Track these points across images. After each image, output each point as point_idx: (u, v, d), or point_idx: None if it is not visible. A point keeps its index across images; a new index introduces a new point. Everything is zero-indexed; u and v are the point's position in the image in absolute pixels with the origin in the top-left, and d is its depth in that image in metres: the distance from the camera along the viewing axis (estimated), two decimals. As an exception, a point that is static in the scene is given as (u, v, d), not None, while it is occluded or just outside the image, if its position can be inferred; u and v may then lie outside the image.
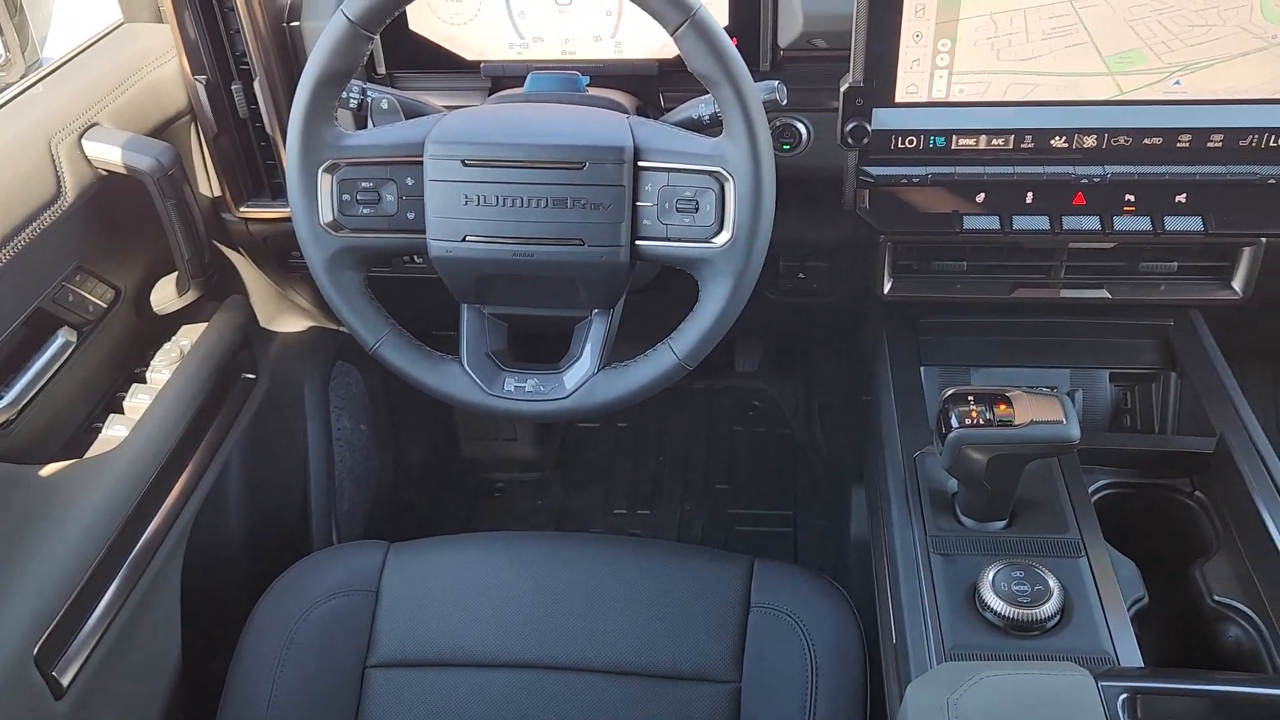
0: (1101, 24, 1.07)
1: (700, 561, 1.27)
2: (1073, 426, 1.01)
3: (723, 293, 1.06)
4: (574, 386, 1.12)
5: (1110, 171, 1.15)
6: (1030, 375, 1.35)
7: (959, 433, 1.02)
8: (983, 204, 1.19)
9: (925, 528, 1.09)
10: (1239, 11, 1.05)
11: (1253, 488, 1.09)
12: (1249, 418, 1.20)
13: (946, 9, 1.08)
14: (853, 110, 1.15)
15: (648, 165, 1.05)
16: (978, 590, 1.00)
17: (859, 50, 1.11)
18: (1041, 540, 1.06)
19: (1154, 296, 1.28)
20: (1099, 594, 1.00)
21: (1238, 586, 1.05)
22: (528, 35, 1.28)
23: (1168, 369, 1.32)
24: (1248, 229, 1.17)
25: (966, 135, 1.16)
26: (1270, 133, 1.12)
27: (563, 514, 2.03)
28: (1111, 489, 1.18)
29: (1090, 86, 1.11)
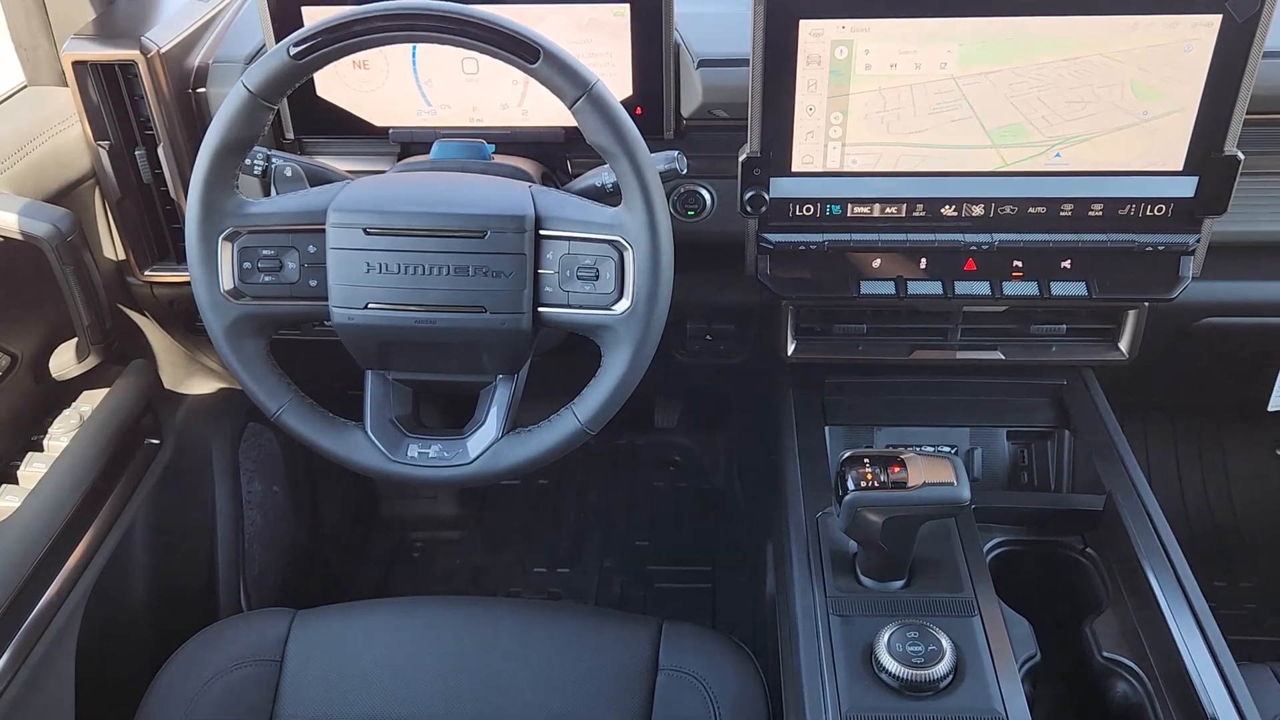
0: (984, 100, 1.12)
1: (609, 625, 1.27)
2: (963, 488, 1.04)
3: (623, 359, 1.07)
4: (478, 452, 1.12)
5: (998, 239, 1.19)
6: (932, 434, 1.38)
7: (854, 495, 1.05)
8: (879, 269, 1.23)
9: (825, 589, 1.11)
10: (1111, 90, 1.10)
11: (1138, 545, 1.12)
12: (1137, 475, 1.24)
13: (837, 84, 1.12)
14: (751, 179, 1.18)
15: (549, 234, 1.07)
16: (874, 651, 1.01)
17: (755, 122, 1.15)
18: (937, 600, 1.08)
19: (1045, 358, 1.32)
20: (991, 653, 1.03)
21: (1125, 643, 1.08)
22: (435, 102, 1.30)
23: (1061, 427, 1.36)
24: (1129, 293, 1.21)
25: (861, 204, 1.20)
26: (1146, 202, 1.17)
27: (482, 573, 2.01)
28: (1007, 547, 1.21)
29: (976, 158, 1.16)
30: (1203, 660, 1.01)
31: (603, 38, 1.24)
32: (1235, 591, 1.92)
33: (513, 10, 1.22)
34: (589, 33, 1.23)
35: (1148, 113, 1.12)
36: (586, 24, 1.23)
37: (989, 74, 1.10)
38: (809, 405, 1.37)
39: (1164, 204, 1.17)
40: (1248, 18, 1.05)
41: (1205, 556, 1.99)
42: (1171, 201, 1.17)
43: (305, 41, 1.01)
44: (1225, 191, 1.15)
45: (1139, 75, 1.09)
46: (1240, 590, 1.92)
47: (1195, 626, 1.05)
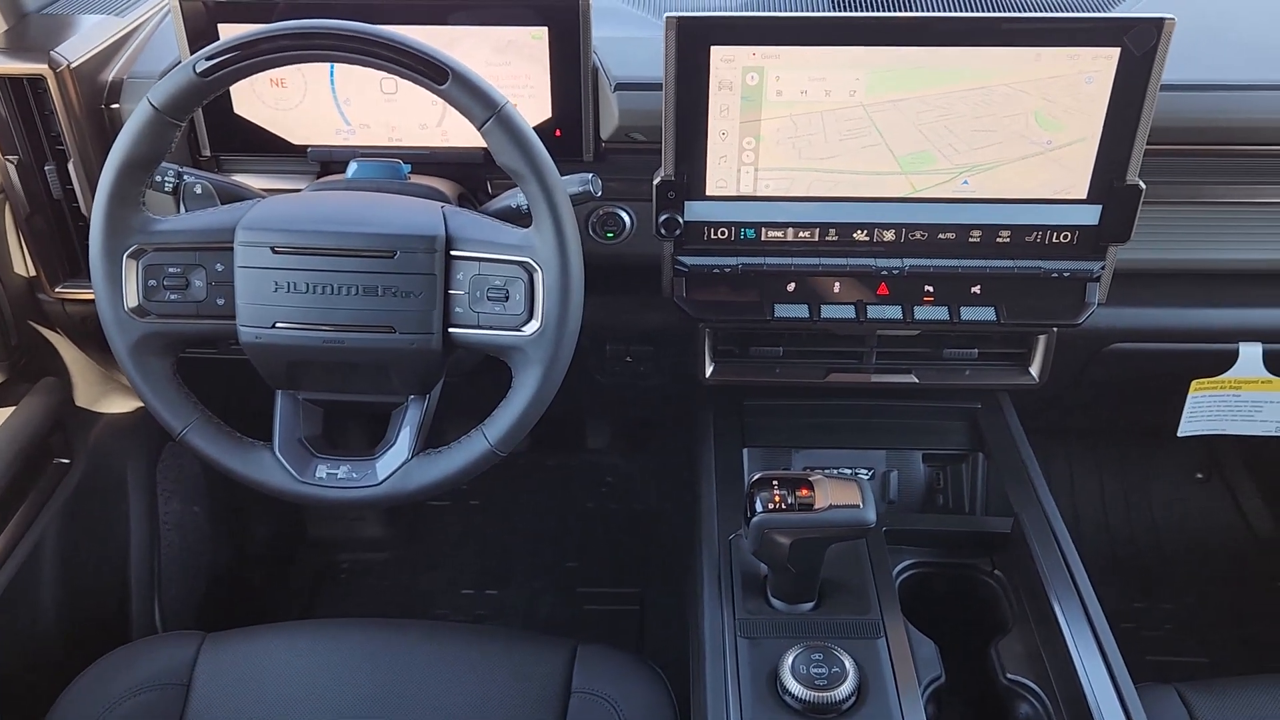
0: (892, 128, 1.14)
1: (522, 648, 1.26)
2: (868, 511, 1.05)
3: (533, 380, 1.07)
4: (387, 473, 1.11)
5: (908, 264, 1.21)
6: (849, 456, 1.39)
7: (761, 517, 1.05)
8: (793, 293, 1.24)
9: (734, 611, 1.11)
10: (1016, 119, 1.13)
11: (1042, 567, 1.14)
12: (1045, 497, 1.26)
13: (749, 109, 1.13)
14: (665, 203, 1.19)
15: (459, 254, 1.07)
16: (778, 674, 1.02)
17: (669, 146, 1.16)
18: (845, 622, 1.09)
19: (959, 381, 1.34)
20: (895, 674, 1.03)
21: (1028, 664, 1.09)
22: (354, 122, 1.29)
23: (976, 450, 1.38)
24: (1036, 319, 1.24)
25: (775, 228, 1.21)
26: (1052, 230, 1.19)
27: (409, 595, 1.99)
28: (917, 569, 1.22)
29: (886, 184, 1.17)
30: (1100, 682, 1.03)
31: (521, 60, 1.24)
32: (1156, 613, 1.95)
33: (430, 32, 1.23)
34: (507, 55, 1.24)
35: (1051, 142, 1.14)
36: (505, 46, 1.23)
37: (897, 102, 1.12)
38: (728, 427, 1.38)
39: (1069, 231, 1.19)
40: (1145, 51, 1.08)
41: (1127, 578, 2.02)
42: (1077, 229, 1.19)
43: (211, 59, 1.00)
44: (1128, 220, 1.17)
45: (1043, 105, 1.12)
46: (1161, 611, 1.95)
47: (1095, 648, 1.07)
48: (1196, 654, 1.88)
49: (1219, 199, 1.30)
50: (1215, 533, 2.09)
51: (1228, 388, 1.37)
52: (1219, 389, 1.37)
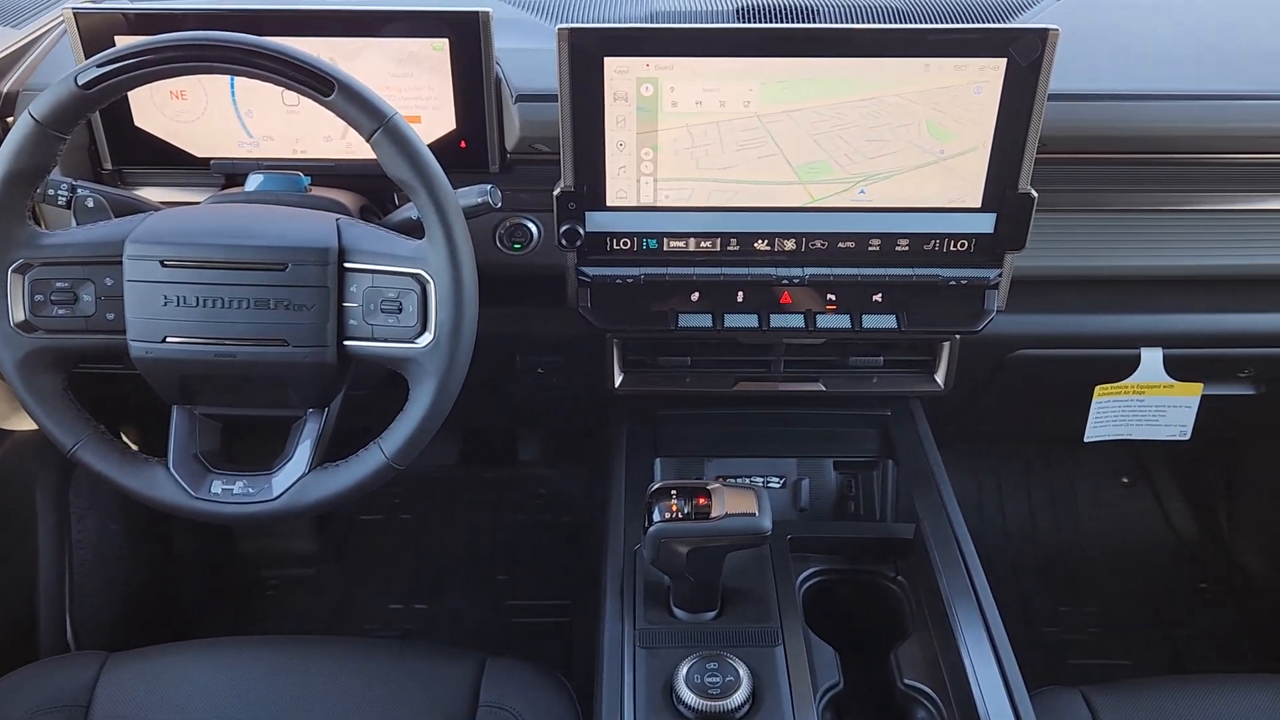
0: (788, 138, 1.15)
1: (430, 662, 1.25)
2: (764, 519, 1.05)
3: (428, 392, 1.07)
4: (283, 488, 1.10)
5: (809, 273, 1.22)
6: (761, 465, 1.40)
7: (657, 527, 1.05)
8: (697, 303, 1.25)
9: (635, 621, 1.11)
10: (908, 129, 1.14)
11: (940, 572, 1.15)
12: (950, 503, 1.27)
13: (645, 120, 1.14)
14: (566, 214, 1.19)
15: (353, 266, 1.06)
16: (673, 683, 1.02)
17: (567, 157, 1.16)
18: (744, 630, 1.09)
19: (866, 389, 1.35)
20: (790, 682, 1.04)
21: (926, 670, 1.10)
22: (257, 133, 1.28)
23: (886, 457, 1.39)
24: (937, 326, 1.25)
25: (677, 238, 1.22)
26: (950, 238, 1.21)
27: (337, 611, 1.97)
28: (822, 576, 1.23)
29: (785, 194, 1.18)
30: (993, 687, 1.03)
31: (423, 72, 1.24)
32: (1080, 616, 1.97)
33: (330, 44, 1.23)
34: (409, 67, 1.23)
35: (944, 151, 1.15)
36: (406, 58, 1.23)
37: (791, 112, 1.13)
38: (641, 437, 1.38)
39: (966, 239, 1.21)
40: (1030, 61, 1.09)
41: (1052, 582, 2.04)
42: (973, 237, 1.21)
43: (93, 71, 0.99)
44: (1023, 227, 1.19)
45: (934, 115, 1.13)
46: (1085, 615, 1.98)
47: (990, 653, 1.08)
48: (1119, 656, 1.90)
49: (1118, 206, 1.32)
50: (1140, 536, 2.12)
51: (1131, 392, 1.39)
52: (1122, 394, 1.39)
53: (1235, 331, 1.37)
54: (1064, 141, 1.26)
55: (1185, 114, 1.27)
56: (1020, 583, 2.03)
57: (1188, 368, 1.39)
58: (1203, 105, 1.27)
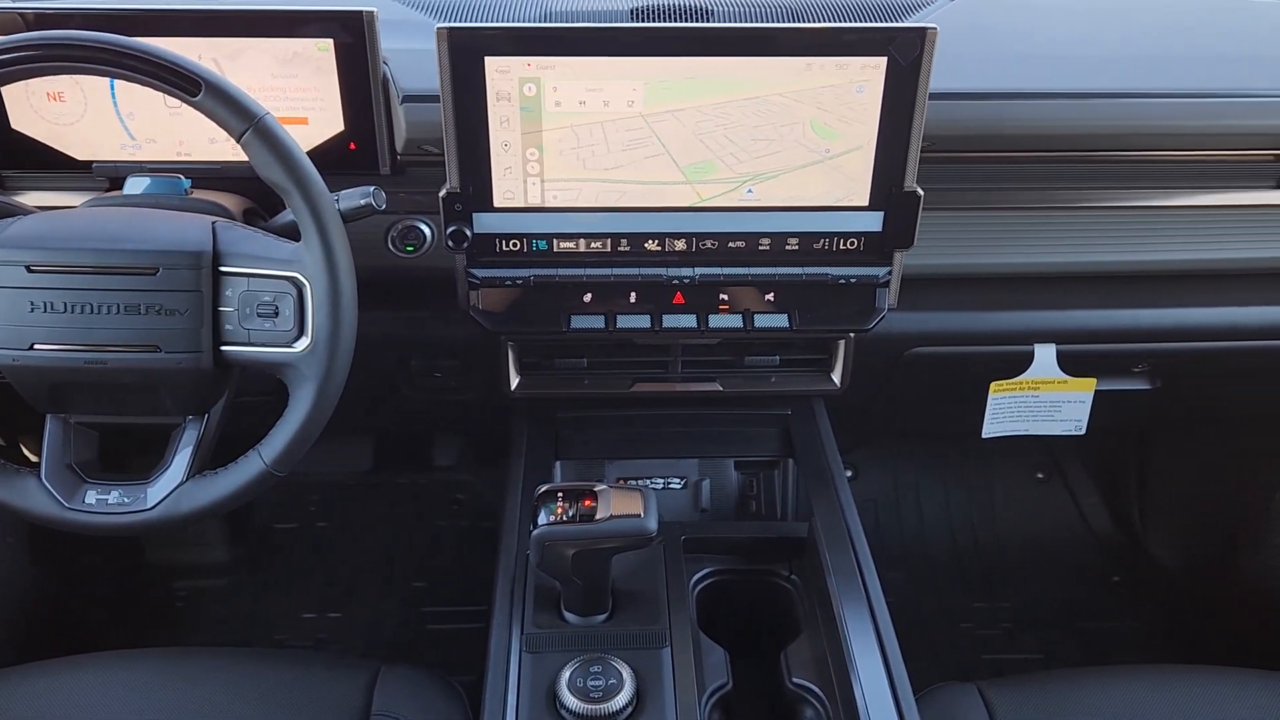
0: (674, 137, 1.14)
1: (322, 672, 1.23)
2: (649, 520, 1.04)
3: (307, 398, 1.05)
4: (159, 498, 1.08)
5: (699, 273, 1.22)
6: (662, 466, 1.40)
7: (541, 530, 1.05)
8: (590, 304, 1.24)
9: (523, 626, 1.10)
10: (793, 128, 1.14)
11: (830, 571, 1.15)
12: (846, 501, 1.27)
13: (529, 120, 1.13)
14: (453, 215, 1.18)
15: (228, 270, 1.04)
16: (555, 688, 1.01)
17: (451, 158, 1.15)
18: (633, 632, 1.09)
19: (764, 388, 1.35)
20: (675, 683, 1.03)
21: (814, 668, 1.10)
22: (140, 136, 1.26)
23: (786, 456, 1.39)
24: (828, 325, 1.25)
25: (566, 239, 1.21)
26: (839, 236, 1.21)
27: (249, 621, 1.94)
28: (717, 576, 1.22)
29: (673, 194, 1.18)
30: (877, 685, 1.04)
31: (309, 73, 1.22)
32: (995, 612, 1.99)
33: (210, 44, 1.20)
34: (293, 68, 1.21)
35: (830, 150, 1.16)
36: (290, 58, 1.21)
37: (675, 112, 1.13)
38: (540, 440, 1.37)
39: (855, 238, 1.21)
40: (910, 60, 1.10)
41: (968, 578, 2.06)
42: (862, 236, 1.21)
43: (-55, 72, 0.97)
44: (910, 226, 1.20)
45: (818, 114, 1.13)
46: (999, 610, 2.00)
47: (878, 651, 1.08)
48: (1032, 650, 1.92)
49: (1009, 204, 1.34)
50: (1055, 531, 2.15)
51: (1026, 388, 1.41)
52: (1017, 390, 1.41)
53: (1126, 327, 1.39)
54: (953, 140, 1.27)
55: (1074, 113, 1.29)
56: (936, 579, 2.05)
57: (1081, 363, 1.41)
58: (1090, 104, 1.29)
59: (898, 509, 2.15)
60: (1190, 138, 1.31)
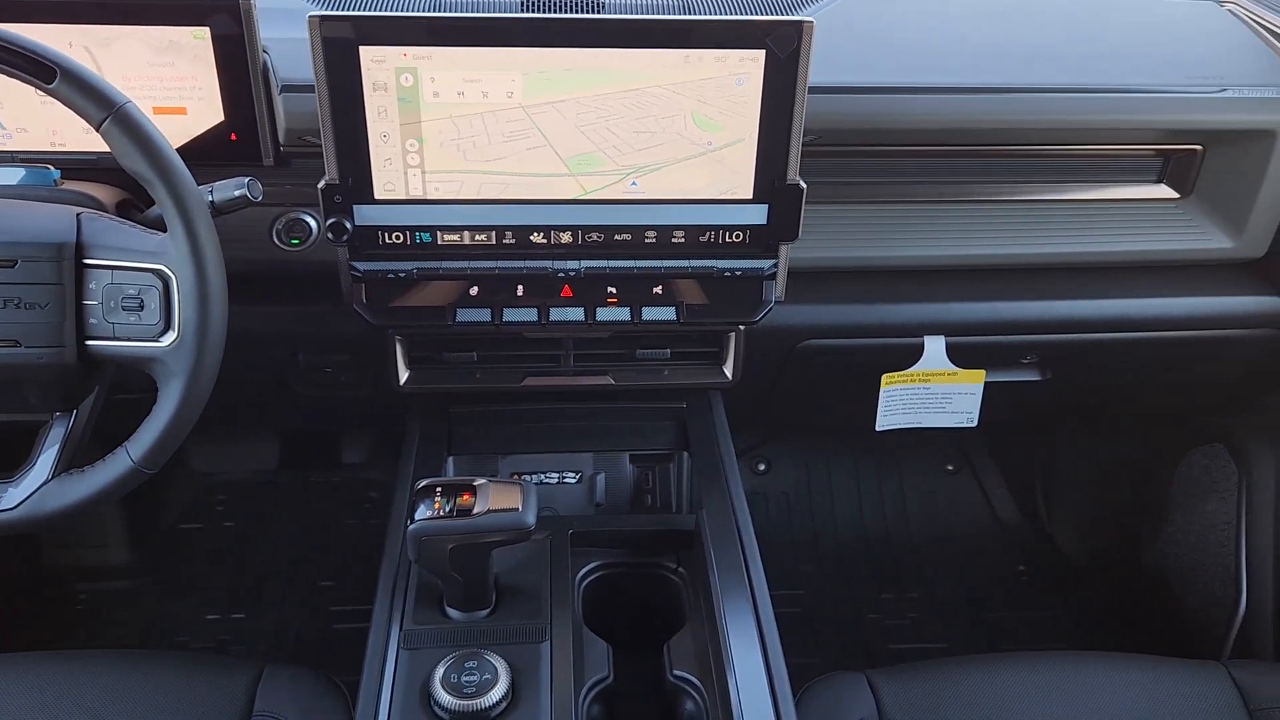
0: (555, 129, 1.14)
1: (205, 673, 1.21)
2: (528, 514, 1.04)
3: (176, 393, 1.03)
4: (22, 497, 1.04)
5: (585, 266, 1.21)
6: (557, 460, 1.39)
7: (416, 526, 1.03)
8: (476, 297, 1.23)
9: (403, 622, 1.09)
10: (674, 121, 1.14)
11: (713, 563, 1.15)
12: (736, 493, 1.27)
13: (408, 111, 1.12)
14: (332, 207, 1.16)
15: (92, 262, 1.01)
16: (429, 684, 1.00)
17: (329, 149, 1.13)
18: (513, 627, 1.08)
19: (657, 381, 1.35)
20: (553, 677, 1.03)
21: (695, 660, 1.10)
22: (10, 125, 1.22)
23: (681, 449, 1.39)
24: (715, 318, 1.25)
25: (450, 231, 1.19)
26: (724, 229, 1.21)
27: (150, 624, 1.90)
28: (605, 570, 1.22)
29: (556, 186, 1.17)
30: (752, 677, 1.04)
31: (186, 62, 1.19)
32: (902, 602, 2.02)
33: (82, 31, 1.17)
34: (170, 56, 1.19)
35: (712, 143, 1.16)
36: (166, 47, 1.18)
37: (555, 103, 1.12)
38: (433, 435, 1.35)
39: (741, 231, 1.21)
40: (788, 53, 1.10)
41: (877, 569, 2.08)
42: (747, 228, 1.21)
43: None
44: (794, 218, 1.20)
45: (698, 107, 1.13)
46: (907, 601, 2.02)
47: (757, 643, 1.08)
48: (937, 640, 1.94)
49: (898, 198, 1.35)
50: (963, 522, 2.18)
51: (917, 380, 1.42)
52: (909, 382, 1.42)
53: (1014, 319, 1.41)
54: (840, 134, 1.28)
55: (958, 107, 1.30)
56: (846, 571, 2.07)
57: (971, 355, 1.43)
58: (974, 99, 1.31)
59: (810, 502, 2.17)
60: (1074, 132, 1.33)
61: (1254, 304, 1.42)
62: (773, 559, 2.08)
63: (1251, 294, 1.42)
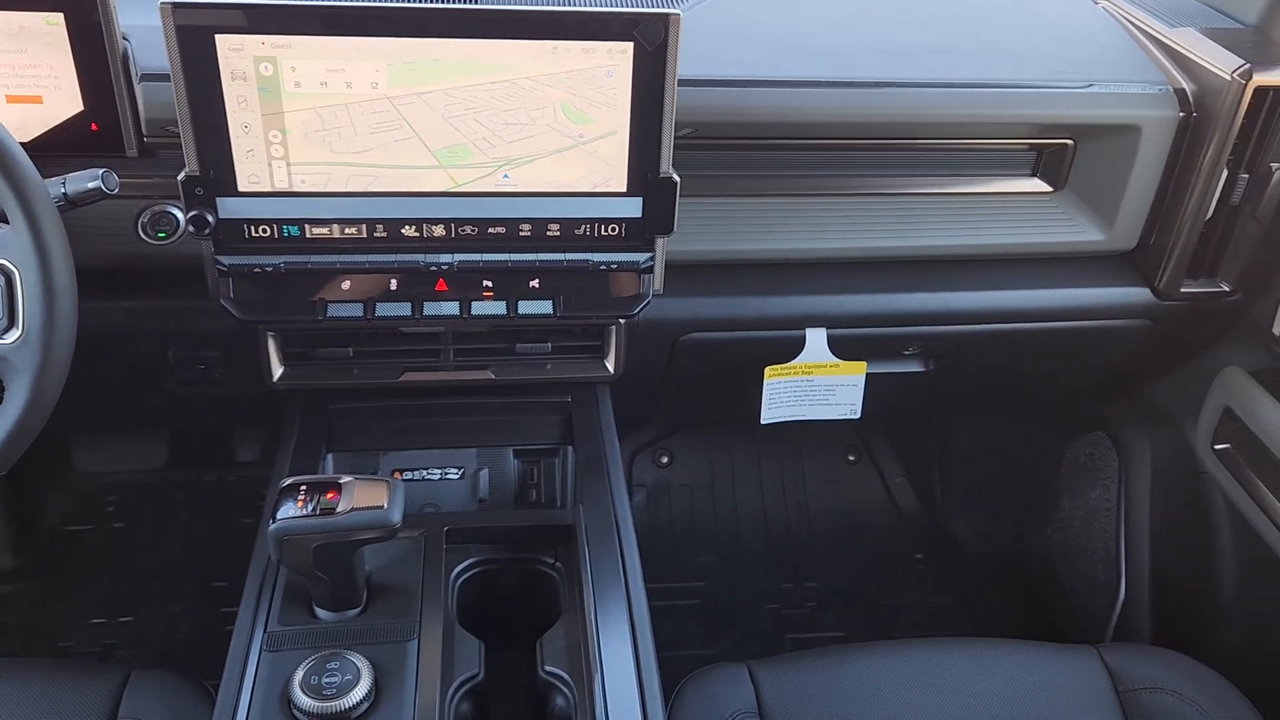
0: (423, 121, 1.12)
1: (70, 679, 1.18)
2: (393, 512, 1.02)
3: (21, 393, 0.99)
4: None
5: (459, 259, 1.20)
6: (439, 456, 1.37)
7: (277, 526, 1.01)
8: (348, 291, 1.21)
9: (266, 624, 1.06)
10: (544, 113, 1.13)
11: (586, 557, 1.15)
12: (617, 487, 1.27)
13: (269, 101, 1.09)
14: (194, 200, 1.13)
15: (-73, 260, 0.98)
16: (288, 687, 0.98)
17: (188, 140, 1.10)
18: (380, 626, 1.06)
19: (539, 375, 1.34)
20: (419, 676, 1.01)
21: (566, 655, 1.09)
22: None
23: (566, 443, 1.38)
24: (593, 311, 1.25)
25: (320, 224, 1.17)
26: (600, 222, 1.20)
27: (32, 629, 1.84)
28: (481, 566, 1.21)
29: (427, 179, 1.15)
30: (621, 672, 1.03)
31: (39, 48, 1.15)
32: (801, 592, 2.04)
33: (-75, 15, 1.13)
34: (22, 42, 1.15)
35: (583, 135, 1.15)
36: (17, 32, 1.14)
37: (422, 95, 1.10)
38: (312, 432, 1.33)
39: (616, 224, 1.21)
40: (656, 45, 1.10)
41: (778, 560, 2.10)
42: (623, 221, 1.21)
43: None
44: (669, 211, 1.20)
45: (568, 98, 1.12)
46: (806, 590, 2.04)
47: (629, 638, 1.08)
48: (834, 628, 1.97)
49: (777, 191, 1.36)
50: (864, 512, 2.20)
51: (799, 373, 1.43)
52: (791, 375, 1.43)
53: (895, 311, 1.42)
54: (716, 127, 1.28)
55: (834, 101, 1.31)
56: (746, 562, 2.08)
57: (854, 347, 1.44)
58: (851, 93, 1.31)
59: (712, 493, 2.18)
60: (947, 126, 1.35)
61: (1126, 294, 1.46)
62: (673, 551, 2.11)
63: (1124, 285, 1.46)
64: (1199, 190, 1.35)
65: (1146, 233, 1.43)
